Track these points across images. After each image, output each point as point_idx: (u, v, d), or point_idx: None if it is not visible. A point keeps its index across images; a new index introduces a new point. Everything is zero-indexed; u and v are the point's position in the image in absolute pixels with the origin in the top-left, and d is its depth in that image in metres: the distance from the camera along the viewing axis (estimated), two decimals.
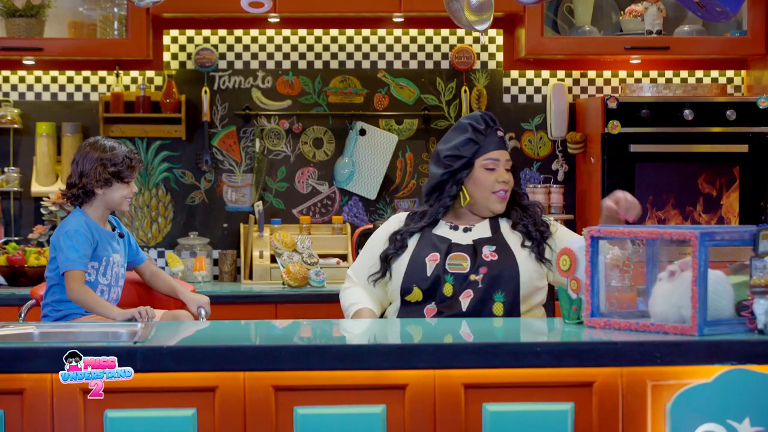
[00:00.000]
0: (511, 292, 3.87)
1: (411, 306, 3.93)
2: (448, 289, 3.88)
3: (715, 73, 5.93)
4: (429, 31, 5.87)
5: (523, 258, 3.93)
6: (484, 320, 3.75)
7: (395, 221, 4.12)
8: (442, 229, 4.02)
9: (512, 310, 3.87)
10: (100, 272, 4.21)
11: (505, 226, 4.02)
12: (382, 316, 4.05)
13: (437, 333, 3.48)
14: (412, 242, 4.00)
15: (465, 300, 3.86)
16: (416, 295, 3.92)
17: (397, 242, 4.01)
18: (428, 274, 3.91)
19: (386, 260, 4.01)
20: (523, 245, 3.95)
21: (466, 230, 4.01)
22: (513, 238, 3.98)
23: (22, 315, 4.44)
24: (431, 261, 3.93)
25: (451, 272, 3.90)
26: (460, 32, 5.87)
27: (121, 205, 4.30)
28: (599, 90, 5.92)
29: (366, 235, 5.65)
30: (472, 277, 3.87)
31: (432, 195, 4.06)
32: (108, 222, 4.32)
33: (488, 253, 3.92)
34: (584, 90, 5.92)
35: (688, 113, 5.39)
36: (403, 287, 3.94)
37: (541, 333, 3.49)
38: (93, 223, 4.23)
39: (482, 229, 4.01)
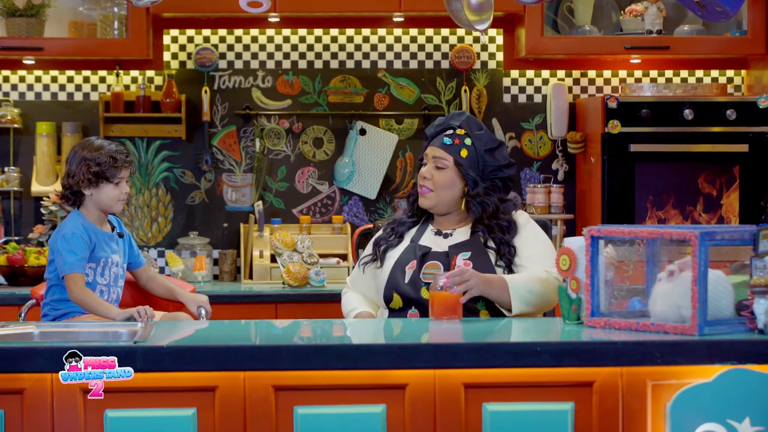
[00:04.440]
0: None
1: (394, 313, 3.93)
2: (427, 295, 3.84)
3: (715, 73, 5.93)
4: (429, 31, 5.87)
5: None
6: (484, 320, 3.75)
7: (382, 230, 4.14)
8: (428, 236, 4.00)
9: (499, 314, 3.84)
10: (98, 273, 4.20)
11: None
12: None
13: (437, 333, 3.48)
14: (398, 250, 3.99)
15: None
16: (397, 302, 3.91)
17: (393, 232, 4.02)
18: (406, 281, 3.90)
19: (378, 245, 4.03)
20: (496, 264, 3.90)
21: (446, 236, 3.98)
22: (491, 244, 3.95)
23: (22, 315, 4.44)
24: (409, 269, 3.92)
25: (425, 282, 3.86)
26: (460, 32, 5.87)
27: (111, 207, 4.23)
28: (599, 90, 5.92)
29: (366, 235, 5.66)
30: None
31: None
32: (108, 222, 4.31)
33: (462, 262, 3.85)
34: (584, 90, 5.92)
35: (688, 113, 5.39)
36: (385, 294, 3.94)
37: (541, 333, 3.49)
38: (90, 225, 4.21)
39: (461, 234, 3.96)
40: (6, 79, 5.77)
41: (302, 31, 5.85)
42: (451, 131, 3.96)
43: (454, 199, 3.95)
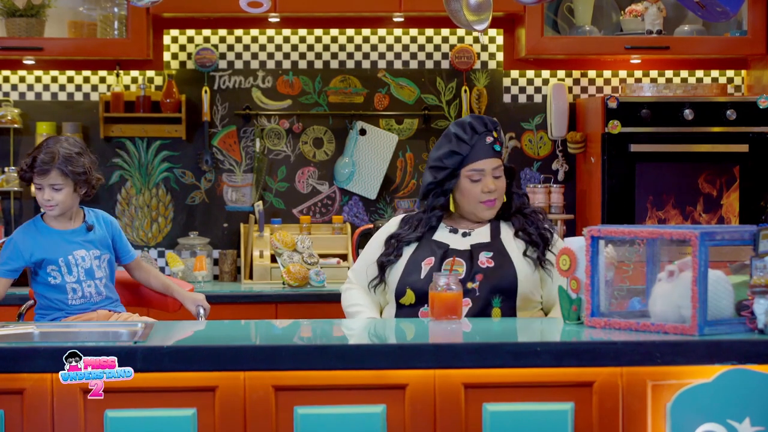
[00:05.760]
0: (508, 298, 3.86)
1: (405, 309, 3.92)
2: None
3: (715, 73, 5.93)
4: (429, 31, 5.87)
5: (522, 264, 3.91)
6: (484, 320, 3.75)
7: (394, 224, 4.12)
8: (442, 233, 4.01)
9: (510, 315, 3.87)
10: (64, 272, 4.11)
11: (506, 231, 3.99)
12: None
13: (437, 333, 3.48)
14: (410, 249, 3.99)
15: (464, 308, 3.84)
16: (409, 297, 3.91)
17: (392, 247, 4.01)
18: (422, 276, 3.90)
19: (382, 267, 4.01)
20: (525, 254, 3.93)
21: (465, 234, 3.99)
22: (513, 245, 3.95)
23: (22, 315, 4.43)
24: (426, 265, 3.92)
25: None
26: (461, 32, 5.87)
27: (45, 210, 4.13)
28: (599, 90, 5.92)
29: (366, 235, 5.66)
30: (469, 285, 3.85)
31: (425, 201, 4.07)
32: (83, 215, 4.18)
33: (485, 259, 3.90)
34: (584, 90, 5.92)
35: (688, 113, 5.39)
36: (397, 290, 3.93)
37: (541, 333, 3.49)
38: (41, 226, 4.13)
39: (481, 234, 3.99)
40: (6, 79, 5.77)
41: (302, 32, 5.85)
42: (491, 138, 3.99)
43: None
